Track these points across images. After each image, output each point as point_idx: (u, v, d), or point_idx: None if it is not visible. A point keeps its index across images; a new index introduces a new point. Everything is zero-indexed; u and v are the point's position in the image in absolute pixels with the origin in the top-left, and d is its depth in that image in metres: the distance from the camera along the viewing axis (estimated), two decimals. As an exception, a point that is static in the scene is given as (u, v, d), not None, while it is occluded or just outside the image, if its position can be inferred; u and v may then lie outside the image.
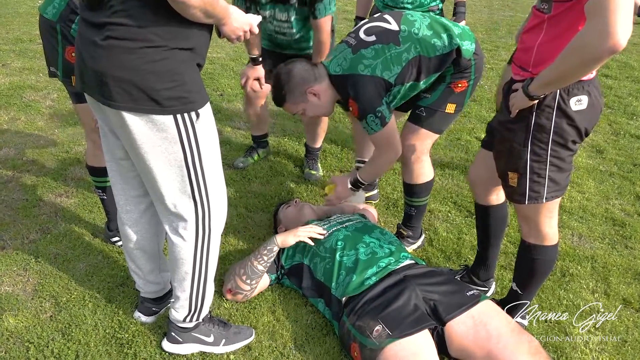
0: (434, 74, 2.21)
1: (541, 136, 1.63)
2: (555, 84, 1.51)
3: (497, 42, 7.08)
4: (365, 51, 2.13)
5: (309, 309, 2.13)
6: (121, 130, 1.53)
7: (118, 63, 1.40)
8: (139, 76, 1.40)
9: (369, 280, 1.94)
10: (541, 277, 1.93)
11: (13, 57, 5.31)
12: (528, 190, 1.72)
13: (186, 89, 1.47)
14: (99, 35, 1.40)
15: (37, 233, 2.53)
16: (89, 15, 1.45)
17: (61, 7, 2.04)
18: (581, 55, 1.36)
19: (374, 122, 2.14)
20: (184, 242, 1.68)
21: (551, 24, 1.56)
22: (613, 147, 3.84)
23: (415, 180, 2.42)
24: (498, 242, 2.15)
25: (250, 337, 1.96)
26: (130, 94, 1.42)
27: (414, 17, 2.20)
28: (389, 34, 2.15)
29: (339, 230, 2.18)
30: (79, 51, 1.50)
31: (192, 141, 1.53)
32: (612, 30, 1.27)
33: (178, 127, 1.49)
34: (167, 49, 1.41)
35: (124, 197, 1.81)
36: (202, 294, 1.80)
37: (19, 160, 3.23)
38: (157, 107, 1.44)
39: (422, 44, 2.14)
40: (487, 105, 4.60)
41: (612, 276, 2.39)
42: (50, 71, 2.18)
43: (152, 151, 1.51)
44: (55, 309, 2.06)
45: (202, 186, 1.61)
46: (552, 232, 1.83)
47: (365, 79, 2.12)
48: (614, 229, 2.79)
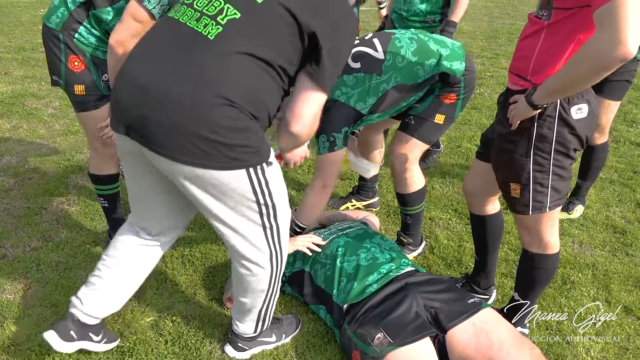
0: (415, 96, 2.25)
1: (543, 146, 1.63)
2: (561, 93, 1.51)
3: (497, 50, 7.12)
4: (347, 77, 2.16)
5: (310, 316, 2.13)
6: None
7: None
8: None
9: (370, 288, 1.94)
10: (542, 285, 1.93)
11: (15, 65, 5.35)
12: (532, 200, 1.72)
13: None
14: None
15: (39, 241, 2.54)
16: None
17: (65, 17, 2.06)
18: (591, 63, 1.36)
19: (323, 143, 2.20)
20: (263, 271, 1.71)
21: (550, 31, 1.55)
22: (613, 154, 3.84)
23: (407, 189, 2.43)
24: (496, 249, 2.15)
25: (299, 322, 2.07)
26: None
27: (402, 42, 2.19)
28: (374, 62, 2.16)
29: (339, 237, 2.19)
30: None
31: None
32: (623, 39, 1.27)
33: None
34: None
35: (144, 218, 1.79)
36: (272, 307, 1.85)
37: (21, 168, 3.25)
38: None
39: (403, 72, 2.16)
40: (487, 112, 4.62)
41: (613, 283, 2.39)
42: (52, 80, 2.19)
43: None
44: (56, 317, 2.05)
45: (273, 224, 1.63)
46: (553, 241, 1.83)
47: (337, 104, 2.18)
48: (615, 237, 2.80)
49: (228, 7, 1.42)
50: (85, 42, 2.08)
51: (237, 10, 1.42)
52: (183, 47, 1.41)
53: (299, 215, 2.33)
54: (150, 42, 1.48)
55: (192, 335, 1.99)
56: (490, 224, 2.08)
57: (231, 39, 1.40)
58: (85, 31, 2.07)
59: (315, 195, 2.28)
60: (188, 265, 2.41)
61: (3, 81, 4.84)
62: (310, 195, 2.30)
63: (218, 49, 1.39)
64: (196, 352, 1.91)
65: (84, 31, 2.07)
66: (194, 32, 1.42)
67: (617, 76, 2.59)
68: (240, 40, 1.40)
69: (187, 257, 2.46)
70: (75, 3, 2.05)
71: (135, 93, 1.39)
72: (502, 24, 9.13)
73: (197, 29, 1.42)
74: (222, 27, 1.40)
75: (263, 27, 1.42)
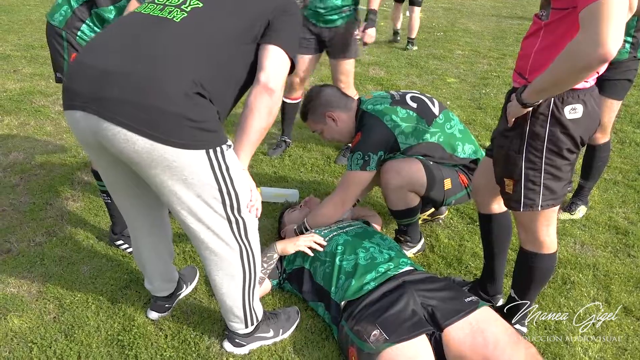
0: (441, 161, 2.36)
1: (535, 144, 1.64)
2: (547, 91, 1.51)
3: (504, 50, 7.09)
4: (401, 110, 2.31)
5: (309, 313, 2.14)
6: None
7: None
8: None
9: (367, 285, 1.95)
10: (538, 284, 1.93)
11: (24, 63, 5.41)
12: (523, 197, 1.73)
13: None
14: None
15: (43, 236, 2.57)
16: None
17: (68, 14, 2.09)
18: (572, 63, 1.37)
19: (357, 160, 2.27)
20: (235, 268, 1.72)
21: (548, 30, 1.57)
22: (618, 155, 3.83)
23: (397, 207, 2.39)
24: (503, 253, 2.13)
25: (298, 316, 2.08)
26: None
27: (454, 118, 2.44)
28: (428, 112, 2.35)
29: (339, 235, 2.20)
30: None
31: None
32: (603, 40, 1.28)
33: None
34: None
35: (133, 216, 1.83)
36: (254, 301, 1.86)
37: (28, 165, 3.29)
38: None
39: (447, 138, 2.34)
40: (492, 112, 4.61)
41: (613, 284, 2.39)
42: (56, 77, 2.23)
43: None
44: (59, 310, 2.09)
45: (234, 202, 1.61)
46: (549, 240, 1.83)
47: (383, 127, 2.29)
48: (617, 237, 2.79)
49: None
50: (88, 39, 2.11)
51: (199, 0, 1.52)
52: (147, 30, 1.45)
53: (309, 220, 2.39)
54: (110, 30, 1.51)
55: (192, 330, 2.01)
56: (496, 223, 2.08)
57: (196, 22, 1.48)
58: (88, 29, 2.10)
59: (332, 209, 2.36)
60: (189, 260, 2.44)
61: (12, 79, 4.90)
62: (327, 206, 2.36)
63: (184, 31, 1.45)
64: (195, 347, 1.93)
65: (87, 29, 2.10)
66: (158, 17, 1.48)
67: (618, 75, 2.58)
68: (205, 24, 1.49)
69: (189, 252, 2.49)
70: (78, 1, 2.08)
71: (95, 75, 1.38)
72: (510, 24, 9.09)
73: (162, 15, 1.48)
74: (186, 13, 1.49)
75: (225, 14, 1.52)
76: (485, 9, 10.57)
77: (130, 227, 1.88)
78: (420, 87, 5.28)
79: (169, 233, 1.98)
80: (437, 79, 5.64)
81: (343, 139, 2.53)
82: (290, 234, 2.44)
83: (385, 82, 5.37)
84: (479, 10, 10.44)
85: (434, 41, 7.48)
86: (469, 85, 5.46)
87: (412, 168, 2.27)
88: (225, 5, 1.56)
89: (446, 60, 6.48)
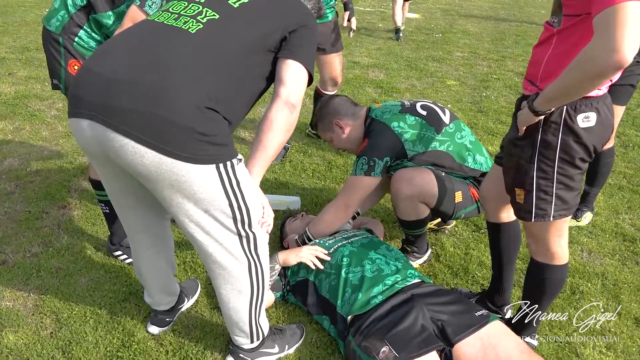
0: (452, 172, 2.32)
1: (547, 153, 1.60)
2: (559, 99, 1.47)
3: (504, 52, 7.06)
4: (409, 117, 2.28)
5: (314, 326, 2.09)
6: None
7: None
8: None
9: (375, 299, 1.90)
10: (550, 296, 1.88)
11: (19, 65, 5.33)
12: (534, 207, 1.68)
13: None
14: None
15: (39, 246, 2.51)
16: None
17: (65, 20, 2.03)
18: (585, 70, 1.33)
19: (362, 164, 2.24)
20: (242, 283, 1.66)
21: (560, 37, 1.53)
22: (622, 159, 3.79)
23: (407, 217, 2.32)
24: (511, 263, 2.08)
25: (303, 332, 2.02)
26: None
27: (465, 128, 2.40)
28: (438, 120, 2.31)
29: (344, 246, 2.14)
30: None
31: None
32: (619, 46, 1.24)
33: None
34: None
35: (135, 228, 1.78)
36: (261, 316, 1.80)
37: (23, 171, 3.22)
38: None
39: (457, 147, 2.30)
40: (494, 116, 4.57)
41: (623, 294, 2.34)
42: (53, 83, 2.17)
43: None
44: (55, 325, 2.02)
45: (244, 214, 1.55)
46: (561, 251, 1.79)
47: (391, 133, 2.26)
48: (624, 245, 2.74)
49: (207, 10, 1.49)
50: (86, 46, 2.05)
51: (215, 12, 1.48)
52: (160, 39, 1.41)
53: (312, 227, 2.33)
54: (122, 37, 1.46)
55: (194, 345, 1.95)
56: (505, 233, 2.03)
57: (212, 34, 1.44)
58: (86, 35, 2.04)
59: (335, 213, 2.30)
60: (190, 272, 2.38)
61: (7, 82, 4.83)
62: (330, 212, 2.31)
63: (198, 42, 1.41)
64: (197, 363, 1.88)
65: (84, 35, 2.04)
66: (173, 27, 1.44)
67: (621, 80, 2.54)
68: (221, 36, 1.45)
69: (189, 263, 2.43)
70: (76, 7, 2.02)
71: (103, 83, 1.34)
72: (509, 25, 9.06)
73: (177, 25, 1.44)
74: (202, 24, 1.45)
75: (242, 27, 1.49)
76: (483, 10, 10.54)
77: (131, 239, 1.82)
78: (421, 90, 5.24)
79: (171, 245, 1.93)
80: (437, 82, 5.59)
81: (352, 148, 2.49)
82: (293, 244, 2.38)
83: (385, 85, 5.32)
84: (477, 11, 10.41)
85: (432, 43, 7.44)
86: (469, 88, 5.42)
87: (425, 178, 2.21)
88: (243, 17, 1.52)
89: (445, 62, 6.44)
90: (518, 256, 2.55)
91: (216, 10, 1.50)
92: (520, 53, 6.95)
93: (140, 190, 1.62)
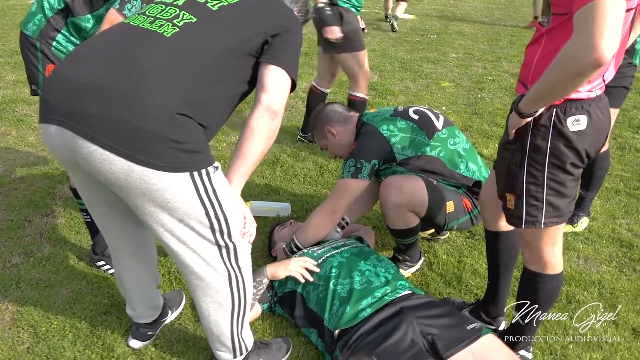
0: (443, 180, 2.25)
1: (537, 157, 1.54)
2: (543, 100, 1.41)
3: (499, 52, 7.00)
4: (400, 120, 2.23)
5: (301, 339, 2.02)
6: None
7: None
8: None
9: (363, 312, 1.83)
10: (543, 306, 1.82)
11: (8, 69, 5.25)
12: (525, 214, 1.62)
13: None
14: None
15: (20, 256, 2.43)
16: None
17: (42, 24, 1.96)
18: (565, 69, 1.27)
19: (349, 167, 2.18)
20: (222, 295, 1.60)
21: (549, 37, 1.48)
22: (618, 162, 3.73)
23: (396, 226, 2.25)
24: (508, 273, 2.01)
25: (289, 346, 1.95)
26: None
27: (459, 135, 2.32)
28: (430, 126, 2.24)
29: (333, 257, 2.08)
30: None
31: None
32: (597, 43, 1.18)
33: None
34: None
35: (114, 237, 1.72)
36: (244, 330, 1.74)
37: (7, 178, 3.14)
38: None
39: (449, 154, 2.23)
40: (489, 118, 4.50)
41: (620, 303, 2.28)
42: (32, 89, 2.10)
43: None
44: (33, 339, 1.95)
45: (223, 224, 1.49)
46: (554, 260, 1.73)
47: (379, 136, 2.20)
48: (622, 251, 2.68)
49: (184, 13, 1.44)
50: (64, 50, 1.98)
51: (193, 15, 1.43)
52: (133, 43, 1.36)
53: (299, 235, 2.26)
54: (95, 41, 1.41)
55: (176, 360, 1.88)
56: (503, 242, 1.96)
57: (188, 38, 1.39)
58: (64, 39, 1.98)
59: (322, 217, 2.23)
60: (175, 282, 2.31)
61: (-6, 86, 4.75)
62: (317, 216, 2.25)
63: (173, 46, 1.36)
64: (179, 380, 1.81)
65: (62, 39, 1.98)
66: (147, 30, 1.39)
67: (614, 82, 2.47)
68: (197, 40, 1.40)
69: (174, 273, 2.35)
70: (53, 10, 1.95)
71: (72, 88, 1.29)
72: (504, 26, 9.00)
73: (152, 29, 1.39)
74: (178, 28, 1.40)
75: (219, 30, 1.44)
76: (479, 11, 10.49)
77: (111, 248, 1.76)
78: (415, 92, 5.17)
79: (154, 255, 1.86)
80: (432, 83, 5.53)
81: (345, 153, 2.43)
82: (281, 253, 2.32)
83: (379, 87, 5.25)
84: (472, 11, 10.35)
85: (427, 44, 7.38)
86: (464, 90, 5.35)
87: (414, 186, 2.15)
88: (222, 20, 1.47)
89: (440, 63, 6.37)
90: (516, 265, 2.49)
91: (194, 14, 1.45)
92: (515, 54, 6.89)
93: (115, 199, 1.55)
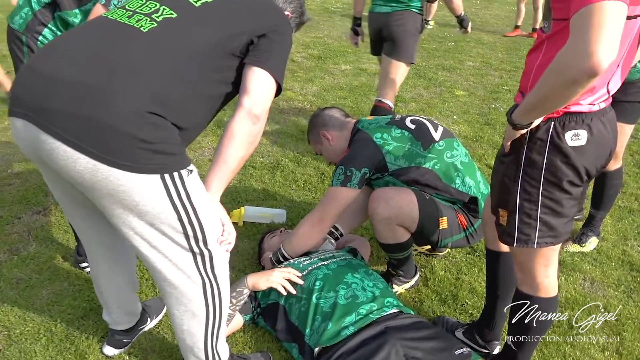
0: (436, 195, 2.14)
1: (532, 172, 1.43)
2: (538, 110, 1.31)
3: (517, 62, 6.84)
4: (395, 129, 2.14)
5: (283, 354, 1.93)
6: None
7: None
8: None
9: (346, 330, 1.73)
10: (536, 332, 1.69)
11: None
12: (517, 231, 1.51)
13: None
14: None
15: (5, 254, 2.38)
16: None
17: (28, 17, 1.91)
18: (559, 77, 1.17)
19: (339, 175, 2.09)
20: (196, 304, 1.52)
21: (550, 43, 1.37)
22: (634, 180, 3.57)
23: (384, 240, 2.14)
24: (508, 295, 1.87)
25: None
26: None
27: (458, 148, 2.22)
28: (427, 136, 2.15)
29: (319, 268, 1.98)
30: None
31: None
32: (592, 50, 1.07)
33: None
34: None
35: (88, 238, 1.66)
36: (219, 342, 1.66)
37: (4, 173, 3.12)
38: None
39: (444, 167, 2.12)
40: (501, 129, 4.37)
41: (626, 331, 2.14)
42: (18, 84, 2.04)
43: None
44: (6, 342, 1.89)
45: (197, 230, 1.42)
46: (547, 282, 1.61)
47: (371, 143, 2.11)
48: (631, 275, 2.54)
49: (164, 8, 1.37)
50: (49, 45, 1.92)
51: (173, 11, 1.36)
52: (107, 38, 1.30)
53: (286, 244, 2.17)
54: (70, 34, 1.35)
55: (149, 371, 1.80)
56: (504, 263, 1.84)
57: (166, 34, 1.32)
58: (50, 33, 1.92)
59: (309, 227, 2.13)
60: (157, 289, 2.23)
61: None
62: (303, 225, 2.15)
63: (149, 42, 1.29)
64: (150, 392, 1.73)
65: (49, 33, 1.92)
66: (124, 25, 1.33)
67: (630, 97, 2.34)
68: (176, 36, 1.33)
69: (159, 279, 2.28)
70: (40, 3, 1.90)
71: (40, 82, 1.23)
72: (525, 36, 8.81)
73: (129, 23, 1.33)
74: (156, 23, 1.33)
75: (200, 27, 1.37)
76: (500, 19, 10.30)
77: (86, 250, 1.70)
78: (427, 100, 5.06)
79: (132, 260, 1.79)
80: (446, 91, 5.40)
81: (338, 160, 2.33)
82: (267, 263, 2.23)
83: (390, 94, 5.14)
84: (493, 20, 10.17)
85: (444, 51, 7.25)
86: (478, 99, 5.22)
87: (404, 199, 2.04)
88: (204, 17, 1.39)
89: (456, 71, 6.24)
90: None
91: (174, 9, 1.38)
92: (534, 64, 6.73)
93: (86, 199, 1.48)
